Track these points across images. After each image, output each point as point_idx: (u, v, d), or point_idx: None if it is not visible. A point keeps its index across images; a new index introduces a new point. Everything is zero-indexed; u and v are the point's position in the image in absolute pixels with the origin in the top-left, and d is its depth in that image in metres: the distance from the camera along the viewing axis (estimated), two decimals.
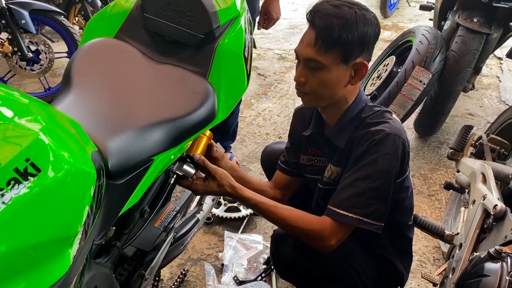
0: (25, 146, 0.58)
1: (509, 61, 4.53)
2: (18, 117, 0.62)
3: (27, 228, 0.58)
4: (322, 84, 1.34)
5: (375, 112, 1.42)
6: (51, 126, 0.66)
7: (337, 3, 1.32)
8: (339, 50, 1.30)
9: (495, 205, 1.35)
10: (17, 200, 0.56)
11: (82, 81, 1.17)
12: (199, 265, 2.08)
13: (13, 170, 0.56)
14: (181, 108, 1.18)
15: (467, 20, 2.78)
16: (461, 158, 1.83)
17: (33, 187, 0.57)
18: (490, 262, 1.12)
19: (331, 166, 1.47)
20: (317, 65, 1.31)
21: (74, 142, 0.72)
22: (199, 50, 1.30)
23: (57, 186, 0.61)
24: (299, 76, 1.36)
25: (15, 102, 0.69)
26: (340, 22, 1.28)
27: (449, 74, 2.73)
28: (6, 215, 0.54)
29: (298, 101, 3.64)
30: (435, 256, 2.21)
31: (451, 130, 3.34)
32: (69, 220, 0.66)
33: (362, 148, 1.34)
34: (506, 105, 3.71)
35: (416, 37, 2.81)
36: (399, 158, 1.34)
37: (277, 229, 1.61)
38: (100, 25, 1.35)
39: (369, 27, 1.32)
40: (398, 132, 1.34)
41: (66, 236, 0.66)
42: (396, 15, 6.24)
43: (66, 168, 0.63)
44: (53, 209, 0.61)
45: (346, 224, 1.34)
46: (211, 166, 1.37)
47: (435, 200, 2.62)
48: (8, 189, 0.55)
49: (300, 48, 1.35)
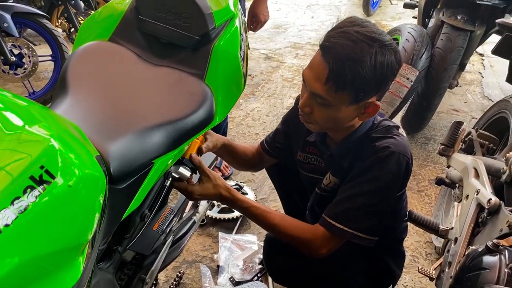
0: (38, 154, 0.57)
1: (490, 57, 4.62)
2: (27, 125, 0.61)
3: (40, 238, 0.57)
4: (328, 119, 1.29)
5: (381, 126, 1.37)
6: (60, 132, 0.65)
7: (356, 38, 1.16)
8: (351, 92, 1.20)
9: (489, 199, 1.38)
10: (33, 209, 0.55)
11: (78, 85, 1.15)
12: (194, 267, 2.08)
13: (29, 178, 0.55)
14: (179, 110, 1.18)
15: (451, 17, 2.83)
16: (452, 153, 1.87)
17: (48, 195, 0.57)
18: (488, 255, 1.15)
19: (330, 175, 1.46)
20: (325, 102, 1.23)
21: (81, 147, 0.71)
22: (195, 52, 1.30)
23: (70, 193, 0.60)
24: (305, 105, 1.28)
25: (20, 108, 0.68)
26: (356, 66, 1.15)
27: (435, 71, 2.77)
28: (21, 225, 0.53)
29: (286, 101, 3.67)
30: (427, 251, 2.24)
31: (437, 126, 3.39)
32: (81, 227, 0.65)
33: (365, 163, 1.31)
34: (490, 101, 3.78)
35: (402, 35, 2.85)
36: (401, 177, 1.31)
37: (269, 234, 1.62)
38: (93, 29, 1.33)
39: (388, 69, 1.19)
40: (403, 150, 1.30)
41: (78, 244, 0.65)
42: (378, 13, 6.31)
43: (78, 174, 0.62)
44: (66, 216, 0.61)
45: (339, 236, 1.34)
46: (206, 168, 1.37)
47: (425, 196, 2.65)
48: (24, 197, 0.54)
49: (309, 78, 1.24)
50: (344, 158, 1.41)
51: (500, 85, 4.06)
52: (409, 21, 4.60)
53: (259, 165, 1.81)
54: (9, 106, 0.64)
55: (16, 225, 0.52)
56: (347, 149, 1.40)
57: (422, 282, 2.04)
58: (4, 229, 0.51)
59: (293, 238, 1.37)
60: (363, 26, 1.20)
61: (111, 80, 1.19)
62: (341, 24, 1.23)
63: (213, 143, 1.53)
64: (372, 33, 1.18)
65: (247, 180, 2.69)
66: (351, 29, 1.18)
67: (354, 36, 1.16)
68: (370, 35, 1.17)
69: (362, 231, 1.31)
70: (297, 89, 3.88)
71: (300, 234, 1.36)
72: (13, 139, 0.57)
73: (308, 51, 4.73)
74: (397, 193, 1.38)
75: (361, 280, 1.53)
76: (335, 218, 1.32)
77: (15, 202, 0.52)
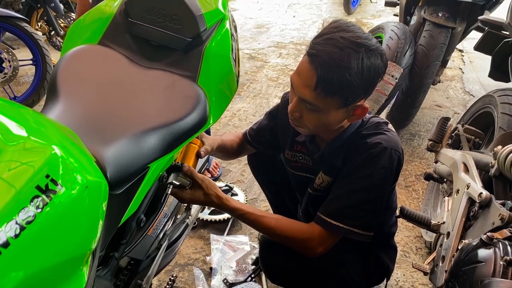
0: (43, 162, 0.56)
1: (470, 53, 4.71)
2: (28, 133, 0.59)
3: (46, 249, 0.56)
4: (318, 123, 1.30)
5: (371, 123, 1.39)
6: (61, 139, 0.64)
7: (342, 44, 1.16)
8: (339, 97, 1.22)
9: (480, 193, 1.40)
10: (40, 219, 0.53)
11: (69, 90, 1.13)
12: (187, 270, 2.06)
13: (35, 188, 0.53)
14: (173, 113, 1.17)
15: (433, 15, 2.88)
16: (441, 149, 1.89)
17: (54, 204, 0.55)
18: (483, 248, 1.17)
19: (322, 174, 1.47)
20: (315, 108, 1.24)
21: (82, 153, 0.70)
22: (186, 54, 1.29)
23: (75, 201, 0.59)
24: (294, 111, 1.29)
25: (16, 114, 0.66)
26: (344, 72, 1.16)
27: (419, 68, 2.81)
28: (29, 236, 0.52)
29: (272, 100, 3.68)
30: (417, 245, 2.27)
31: (421, 122, 3.44)
32: (85, 236, 0.64)
33: (358, 160, 1.33)
34: (471, 96, 3.85)
35: (385, 33, 2.88)
36: (393, 172, 1.34)
37: (264, 236, 1.62)
38: (82, 32, 1.31)
39: (375, 73, 1.21)
40: (394, 146, 1.33)
41: (82, 253, 0.64)
42: (359, 12, 6.37)
43: (82, 181, 0.61)
44: (71, 226, 0.59)
45: (335, 233, 1.36)
46: (198, 176, 1.36)
47: (412, 191, 2.69)
48: (32, 207, 0.53)
49: (298, 85, 1.25)
50: (336, 157, 1.42)
51: (480, 80, 4.14)
52: (389, 19, 4.66)
53: (242, 153, 1.85)
54: (5, 113, 0.62)
55: (24, 236, 0.51)
56: (338, 148, 1.41)
57: (414, 277, 2.07)
58: (12, 241, 0.49)
59: (290, 239, 1.38)
60: (349, 31, 1.21)
61: (103, 84, 1.18)
62: (326, 30, 1.23)
63: (210, 146, 1.52)
64: (357, 38, 1.19)
65: (236, 181, 2.68)
66: (337, 35, 1.19)
67: (340, 43, 1.17)
68: (356, 40, 1.18)
69: (358, 227, 1.33)
70: (282, 88, 3.89)
71: (297, 235, 1.37)
72: (16, 149, 0.55)
73: (292, 50, 4.75)
74: (390, 188, 1.40)
75: (357, 277, 1.55)
76: (330, 216, 1.33)
77: (23, 213, 0.51)
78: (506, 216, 1.24)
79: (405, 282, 2.05)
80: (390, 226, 1.64)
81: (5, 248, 0.48)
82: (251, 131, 1.75)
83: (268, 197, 2.03)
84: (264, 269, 1.63)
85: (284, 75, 4.15)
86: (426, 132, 3.31)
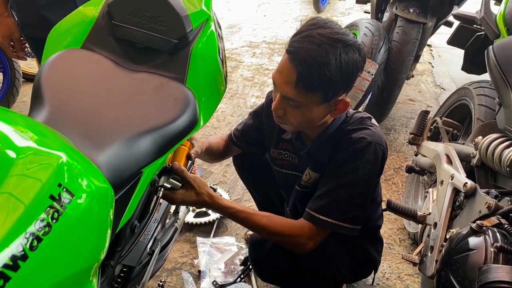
0: (53, 172, 0.54)
1: (438, 48, 4.84)
2: (34, 143, 0.57)
3: (62, 260, 0.54)
4: (302, 119, 1.33)
5: (355, 119, 1.42)
6: (65, 147, 0.62)
7: (319, 41, 1.18)
8: (320, 93, 1.25)
9: (465, 183, 1.45)
10: (56, 230, 0.51)
11: (55, 96, 1.10)
12: (175, 275, 2.04)
13: (49, 198, 0.51)
14: (164, 116, 1.15)
15: (404, 11, 2.93)
16: (422, 142, 1.94)
17: (68, 213, 0.53)
18: (473, 236, 1.20)
19: (309, 171, 1.49)
20: (297, 104, 1.27)
21: (85, 160, 0.68)
22: (173, 56, 1.27)
23: (87, 209, 0.57)
24: (278, 108, 1.32)
25: (17, 123, 0.63)
26: (322, 68, 1.18)
27: (393, 64, 2.86)
28: (46, 248, 0.50)
29: (249, 100, 3.68)
30: (400, 237, 2.32)
31: (396, 116, 3.51)
32: (95, 246, 0.62)
33: (343, 155, 1.35)
34: (442, 89, 3.96)
35: (360, 30, 2.92)
36: (378, 165, 1.37)
37: (253, 234, 1.62)
38: (63, 36, 1.27)
39: (354, 67, 1.23)
40: (378, 140, 1.36)
41: (93, 264, 0.62)
42: (328, 9, 6.44)
43: (91, 188, 0.59)
44: (83, 236, 0.58)
45: (324, 228, 1.38)
46: (189, 175, 1.35)
47: (392, 184, 2.74)
48: (47, 218, 0.51)
49: (279, 82, 1.27)
50: (322, 153, 1.44)
51: (449, 73, 4.26)
52: (358, 16, 4.74)
53: (228, 155, 1.85)
54: (5, 122, 0.60)
55: (42, 248, 0.49)
56: (324, 144, 1.43)
57: (400, 268, 2.11)
58: (31, 253, 0.47)
59: (281, 236, 1.39)
60: (326, 28, 1.23)
61: (90, 88, 1.15)
62: (304, 28, 1.26)
63: (200, 148, 1.52)
64: (335, 34, 1.21)
65: (219, 182, 2.67)
66: (315, 31, 1.22)
67: (318, 39, 1.20)
68: (333, 36, 1.20)
69: (346, 221, 1.35)
70: (259, 88, 3.89)
71: (287, 231, 1.38)
72: (26, 161, 0.53)
73: (265, 50, 4.76)
74: (376, 181, 1.43)
75: (345, 270, 1.57)
76: (319, 211, 1.35)
77: (38, 224, 0.49)
78: (493, 204, 1.28)
79: (391, 274, 2.09)
80: (376, 219, 1.67)
81: (24, 261, 0.46)
82: (236, 132, 1.75)
83: (254, 197, 2.03)
84: (254, 268, 1.63)
85: (259, 75, 4.15)
86: (401, 126, 3.38)
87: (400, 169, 2.88)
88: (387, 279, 2.06)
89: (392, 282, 2.04)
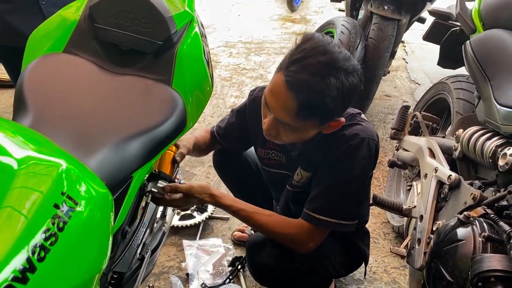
0: (55, 180, 0.52)
1: (411, 44, 4.93)
2: (33, 151, 0.55)
3: (67, 271, 0.52)
4: (295, 138, 1.32)
5: (346, 114, 1.39)
6: (64, 154, 0.60)
7: (321, 72, 1.13)
8: (319, 119, 1.24)
9: (450, 175, 1.48)
10: (62, 239, 0.50)
11: (39, 102, 1.07)
12: (162, 279, 2.02)
13: (53, 207, 0.50)
14: (152, 119, 1.14)
15: (379, 8, 2.98)
16: (404, 136, 1.97)
17: (73, 222, 0.52)
18: (461, 227, 1.23)
19: (301, 170, 1.49)
20: (292, 128, 1.25)
21: (81, 166, 0.66)
22: (158, 57, 1.25)
23: (90, 216, 0.56)
24: (270, 129, 1.28)
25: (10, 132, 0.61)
26: (325, 99, 1.16)
27: (371, 61, 2.90)
28: (53, 258, 0.48)
29: (228, 100, 3.66)
30: (384, 231, 2.35)
31: (373, 112, 3.56)
32: (98, 254, 0.60)
33: (337, 152, 1.35)
34: (417, 84, 4.04)
35: (336, 28, 2.95)
36: (372, 160, 1.39)
37: (250, 239, 1.62)
38: (44, 40, 1.24)
39: (354, 92, 1.21)
40: (371, 135, 1.37)
41: (94, 274, 0.60)
42: (302, 8, 6.48)
43: (92, 194, 0.58)
44: (87, 244, 0.56)
45: (324, 228, 1.39)
46: (185, 188, 1.36)
47: (374, 179, 2.77)
48: (53, 227, 0.49)
49: (275, 107, 1.22)
50: (315, 152, 1.44)
51: (423, 69, 4.35)
52: (332, 15, 4.79)
53: (213, 148, 1.84)
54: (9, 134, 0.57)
55: (50, 258, 0.47)
56: (316, 144, 1.43)
57: (385, 261, 2.14)
58: (39, 265, 0.45)
59: (281, 236, 1.39)
60: (326, 53, 1.17)
61: (75, 93, 1.12)
62: (301, 54, 1.18)
63: (186, 149, 1.50)
64: (336, 61, 1.17)
65: None
66: (314, 60, 1.16)
67: (319, 70, 1.14)
68: (335, 65, 1.16)
69: (345, 218, 1.37)
70: (237, 88, 3.89)
71: (288, 231, 1.38)
72: (28, 171, 0.51)
73: (242, 49, 4.76)
74: (370, 175, 1.45)
75: (339, 266, 1.58)
76: (317, 211, 1.36)
77: (45, 234, 0.47)
78: (478, 195, 1.31)
79: (377, 267, 2.12)
80: (365, 215, 1.69)
81: (33, 273, 0.44)
82: (219, 130, 1.74)
83: (237, 197, 2.02)
84: (252, 271, 1.62)
85: (237, 74, 4.15)
86: (379, 121, 3.44)
87: (380, 164, 2.92)
88: (374, 273, 2.09)
89: (379, 275, 2.07)
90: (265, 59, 4.52)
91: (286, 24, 5.78)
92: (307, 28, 5.58)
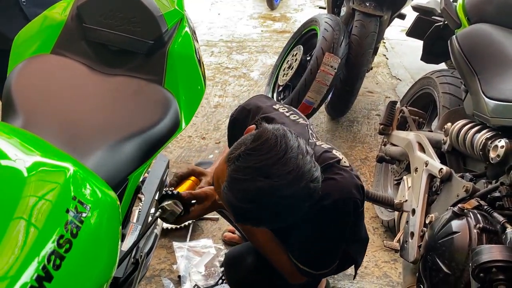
0: (65, 185, 0.50)
1: (390, 40, 4.98)
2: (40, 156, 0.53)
3: (78, 282, 0.50)
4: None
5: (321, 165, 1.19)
6: (67, 157, 0.58)
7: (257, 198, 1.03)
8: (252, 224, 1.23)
9: (441, 168, 1.50)
10: (76, 246, 0.48)
11: (28, 105, 1.04)
12: (154, 282, 1.99)
13: (66, 212, 0.48)
14: (146, 120, 1.12)
15: (361, 5, 3.00)
16: (392, 131, 1.99)
17: (86, 227, 0.50)
18: (456, 220, 1.25)
19: None
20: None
21: (86, 169, 0.64)
22: (149, 57, 1.23)
23: (101, 221, 0.54)
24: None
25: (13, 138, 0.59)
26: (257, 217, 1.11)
27: (354, 57, 2.92)
28: (69, 265, 0.46)
29: (212, 100, 3.64)
30: (373, 226, 2.37)
31: (357, 108, 3.59)
32: (109, 261, 0.58)
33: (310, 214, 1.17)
34: (398, 80, 4.09)
35: (320, 26, 2.96)
36: (351, 215, 1.29)
37: (228, 252, 1.60)
38: (30, 42, 1.20)
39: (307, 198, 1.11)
40: (346, 192, 1.24)
41: (105, 281, 0.58)
42: (282, 6, 6.48)
43: (101, 197, 0.56)
44: (98, 251, 0.54)
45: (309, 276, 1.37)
46: (197, 192, 1.28)
47: (360, 175, 2.79)
48: (67, 234, 0.47)
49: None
50: None
51: (404, 64, 4.40)
52: (311, 12, 4.81)
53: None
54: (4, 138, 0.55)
55: (65, 266, 0.45)
56: None
57: (376, 256, 2.16)
58: (55, 273, 0.43)
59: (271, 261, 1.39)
60: (268, 176, 1.01)
61: (65, 95, 1.10)
62: (242, 175, 1.00)
63: (207, 183, 1.35)
64: (277, 189, 1.03)
65: None
66: (253, 185, 1.01)
67: (253, 196, 1.02)
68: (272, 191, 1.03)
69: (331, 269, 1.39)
70: (221, 87, 3.87)
71: (278, 266, 1.38)
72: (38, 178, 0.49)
73: (223, 48, 4.73)
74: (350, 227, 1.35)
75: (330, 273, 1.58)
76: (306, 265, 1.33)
77: (59, 241, 0.46)
78: (470, 188, 1.33)
79: (368, 262, 2.13)
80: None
81: (49, 282, 0.42)
82: None
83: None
84: (229, 284, 1.60)
85: (219, 74, 4.12)
86: (363, 117, 3.47)
87: (366, 159, 2.95)
88: (365, 268, 2.10)
89: (370, 270, 2.09)
90: (247, 57, 4.50)
91: (267, 22, 5.77)
92: (287, 26, 5.59)
